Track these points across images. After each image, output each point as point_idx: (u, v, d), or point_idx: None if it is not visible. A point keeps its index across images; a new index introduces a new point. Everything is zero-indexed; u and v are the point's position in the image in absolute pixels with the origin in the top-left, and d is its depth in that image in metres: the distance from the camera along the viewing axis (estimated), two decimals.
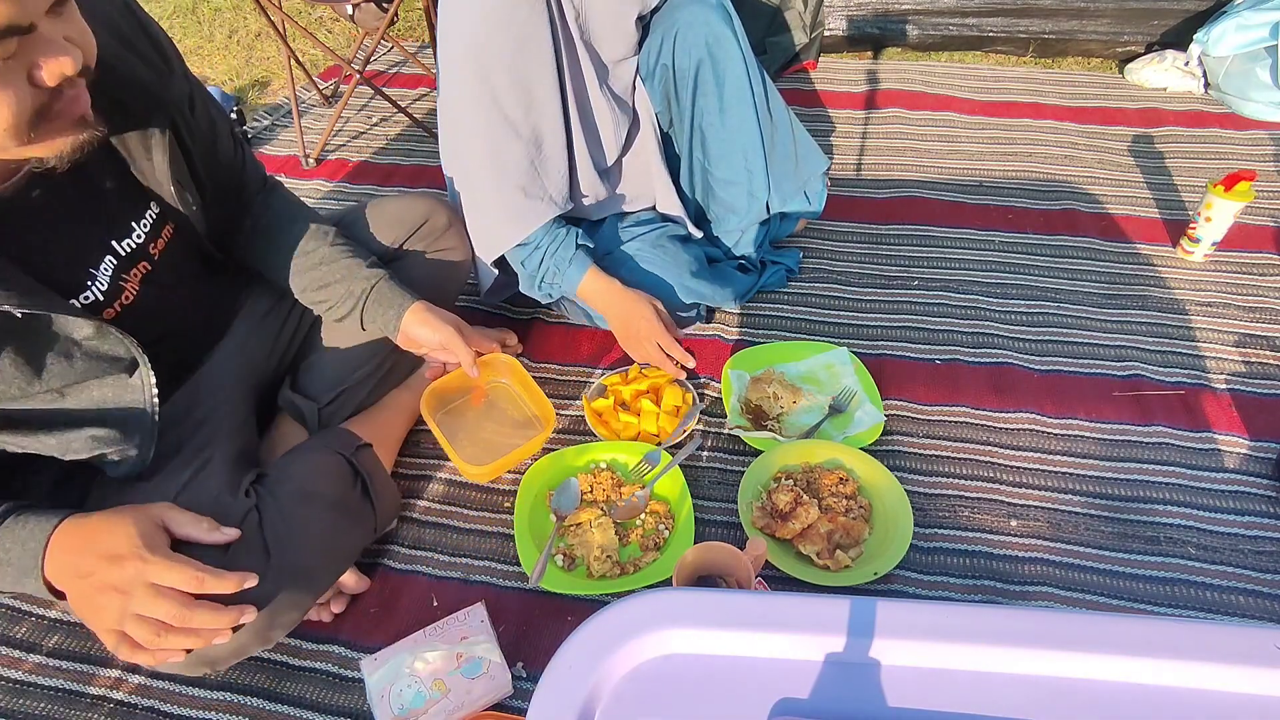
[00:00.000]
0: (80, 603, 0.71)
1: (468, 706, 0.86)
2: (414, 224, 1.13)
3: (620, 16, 1.15)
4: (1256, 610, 0.98)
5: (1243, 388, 1.25)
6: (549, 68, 1.10)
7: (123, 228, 0.82)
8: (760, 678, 0.48)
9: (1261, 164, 1.75)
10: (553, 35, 1.08)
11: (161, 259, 0.86)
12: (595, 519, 1.07)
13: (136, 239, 0.83)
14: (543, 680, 0.47)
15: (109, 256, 0.80)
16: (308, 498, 0.88)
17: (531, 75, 1.08)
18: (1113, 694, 0.47)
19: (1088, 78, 2.13)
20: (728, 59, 1.20)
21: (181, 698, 0.93)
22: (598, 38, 1.16)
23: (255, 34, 2.57)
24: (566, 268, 1.20)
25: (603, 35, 1.16)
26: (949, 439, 1.20)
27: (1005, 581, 1.02)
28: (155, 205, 0.85)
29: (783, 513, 1.04)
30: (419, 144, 1.97)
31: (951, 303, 1.43)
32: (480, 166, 1.13)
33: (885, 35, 2.21)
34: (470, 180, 1.17)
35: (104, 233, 0.80)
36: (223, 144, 0.96)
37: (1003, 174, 1.76)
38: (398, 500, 1.08)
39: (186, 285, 0.93)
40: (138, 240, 0.83)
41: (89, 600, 0.70)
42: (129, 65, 0.78)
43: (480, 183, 1.15)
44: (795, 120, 1.38)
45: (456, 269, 1.18)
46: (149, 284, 0.85)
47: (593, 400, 1.24)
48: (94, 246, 0.79)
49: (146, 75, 0.80)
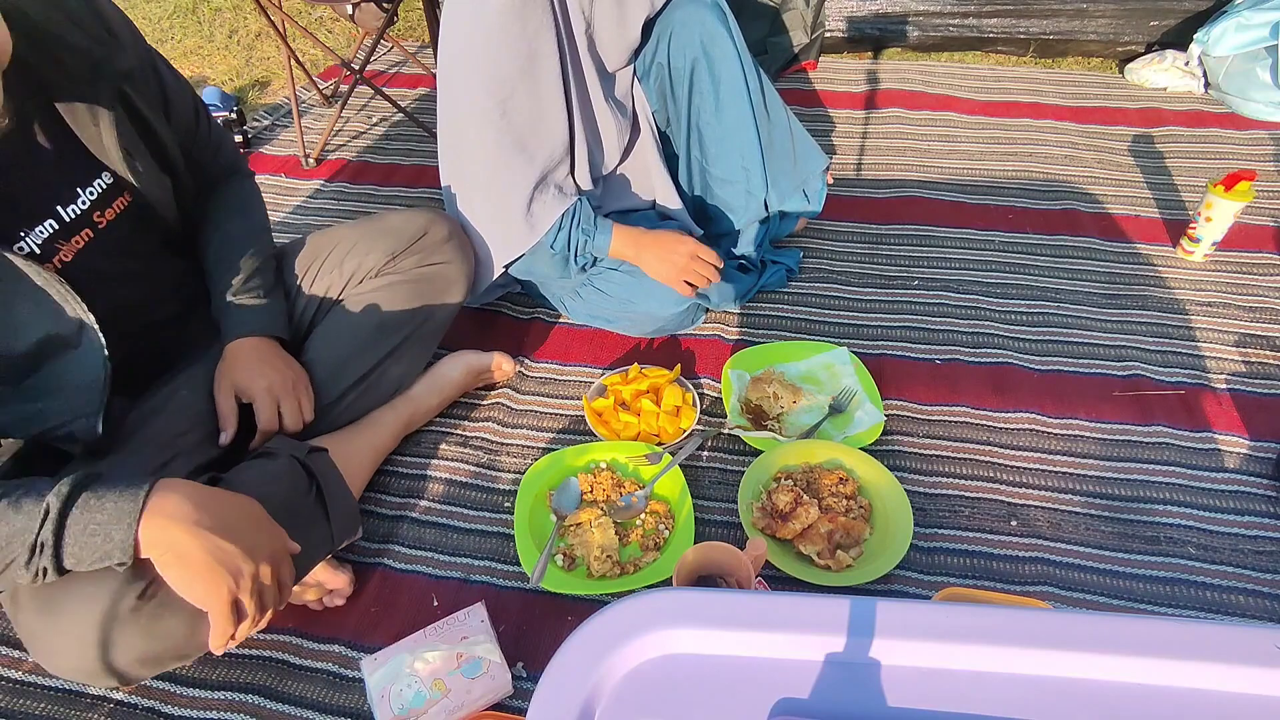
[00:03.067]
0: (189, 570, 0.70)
1: (468, 706, 0.86)
2: (412, 236, 1.12)
3: (627, 25, 1.15)
4: (1256, 610, 0.98)
5: (1243, 388, 1.25)
6: (555, 77, 1.10)
7: (67, 193, 0.82)
8: (760, 678, 0.48)
9: (1261, 164, 1.75)
10: (559, 45, 1.08)
11: (109, 229, 0.86)
12: (595, 519, 1.07)
13: (81, 205, 0.83)
14: (543, 680, 0.47)
15: (49, 220, 0.81)
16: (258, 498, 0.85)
17: (539, 86, 1.08)
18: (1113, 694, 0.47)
19: (1088, 78, 2.13)
20: (723, 57, 1.20)
21: (181, 698, 0.93)
22: (604, 45, 1.16)
23: (255, 34, 2.57)
24: (595, 232, 1.21)
25: (610, 42, 1.16)
26: (949, 439, 1.20)
27: (1005, 581, 1.02)
28: (108, 175, 0.85)
29: (783, 513, 1.04)
30: (419, 144, 1.97)
31: (951, 303, 1.43)
32: (491, 176, 1.13)
33: (885, 35, 2.21)
34: (481, 190, 1.17)
35: (43, 195, 0.80)
36: (179, 116, 0.96)
37: (1003, 174, 1.76)
38: (355, 510, 1.02)
39: (139, 260, 0.92)
40: (82, 206, 0.83)
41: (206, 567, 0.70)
42: (74, 35, 0.80)
43: (491, 192, 1.15)
44: (794, 119, 1.38)
45: (451, 284, 1.17)
46: (92, 251, 0.85)
47: (593, 400, 1.24)
48: (31, 208, 0.79)
49: (91, 46, 0.81)
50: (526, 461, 1.18)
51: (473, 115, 1.10)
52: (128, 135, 0.85)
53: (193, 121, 1.00)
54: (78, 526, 0.67)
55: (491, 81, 1.06)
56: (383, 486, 1.15)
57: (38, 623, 0.75)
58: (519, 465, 1.18)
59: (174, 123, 0.95)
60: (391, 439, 1.16)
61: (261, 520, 0.77)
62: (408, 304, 1.11)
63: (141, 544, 0.69)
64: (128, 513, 0.68)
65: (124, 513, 0.68)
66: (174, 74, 0.98)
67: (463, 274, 1.17)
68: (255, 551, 0.73)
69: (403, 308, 1.11)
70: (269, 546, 0.76)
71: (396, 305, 1.10)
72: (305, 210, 1.77)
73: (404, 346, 1.12)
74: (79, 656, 0.75)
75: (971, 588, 1.01)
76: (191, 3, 2.76)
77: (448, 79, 1.14)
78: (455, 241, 1.16)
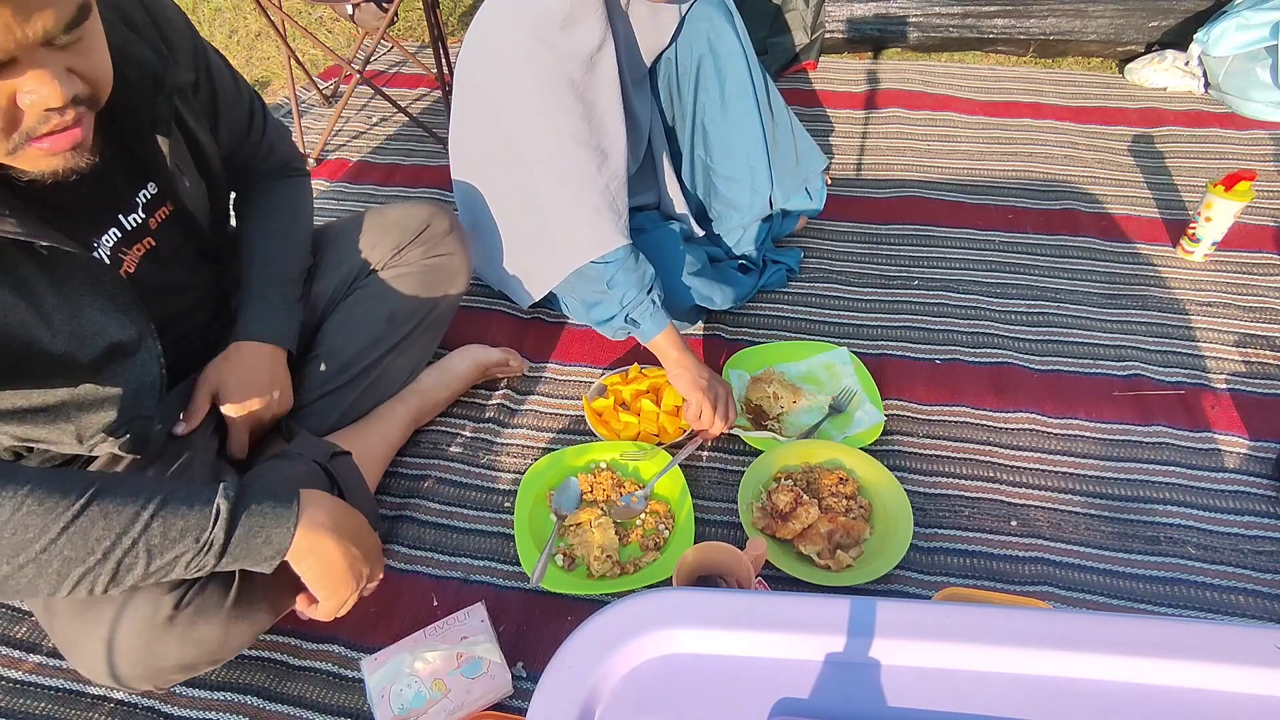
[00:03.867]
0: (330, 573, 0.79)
1: (468, 706, 0.86)
2: (415, 229, 1.13)
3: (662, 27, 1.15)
4: (1256, 610, 0.98)
5: (1243, 388, 1.25)
6: (614, 84, 1.08)
7: (127, 203, 0.82)
8: (760, 678, 0.48)
9: (1261, 164, 1.75)
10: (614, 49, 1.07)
11: (159, 236, 0.86)
12: (595, 519, 1.07)
13: (140, 214, 0.84)
14: (543, 680, 0.47)
15: (113, 229, 0.81)
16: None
17: (600, 94, 1.07)
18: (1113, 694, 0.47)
19: (1088, 78, 2.13)
20: (729, 54, 1.20)
21: (181, 698, 0.93)
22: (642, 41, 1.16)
23: (255, 34, 2.57)
24: (649, 318, 1.14)
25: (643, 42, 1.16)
26: (949, 439, 1.20)
27: (1005, 581, 1.02)
28: (153, 185, 0.85)
29: (783, 513, 1.04)
30: (419, 144, 1.97)
31: (951, 303, 1.43)
32: (554, 189, 1.10)
33: (885, 36, 2.21)
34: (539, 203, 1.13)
35: (109, 204, 0.80)
36: (229, 124, 0.96)
37: (1002, 174, 1.76)
38: (376, 512, 1.03)
39: (186, 270, 0.93)
40: (141, 216, 0.84)
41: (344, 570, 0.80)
42: (135, 47, 0.78)
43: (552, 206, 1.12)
44: (794, 118, 1.38)
45: (455, 274, 1.18)
46: (149, 261, 0.85)
47: (593, 400, 1.24)
48: (98, 216, 0.79)
49: (153, 59, 0.80)
50: (526, 461, 1.18)
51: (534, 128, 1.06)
52: (179, 149, 0.85)
53: (244, 127, 0.99)
54: (244, 529, 0.73)
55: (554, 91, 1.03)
56: (383, 487, 1.15)
57: (75, 630, 0.77)
58: (519, 465, 1.18)
59: (222, 131, 0.95)
60: (402, 433, 1.17)
61: (368, 528, 0.87)
62: (416, 295, 1.12)
63: (292, 549, 0.76)
64: (285, 519, 0.75)
65: (282, 519, 0.75)
66: (231, 77, 0.97)
67: (465, 264, 1.19)
68: (370, 555, 0.84)
69: (411, 299, 1.12)
70: (376, 549, 0.88)
71: (405, 296, 1.12)
72: None
73: (413, 336, 1.14)
74: (118, 664, 0.76)
75: (971, 588, 1.01)
76: (191, 3, 2.76)
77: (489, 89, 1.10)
78: (456, 233, 1.17)
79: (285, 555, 0.76)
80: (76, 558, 0.66)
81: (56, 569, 0.66)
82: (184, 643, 0.78)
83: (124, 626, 0.76)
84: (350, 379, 1.08)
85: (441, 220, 1.15)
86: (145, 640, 0.76)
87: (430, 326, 1.17)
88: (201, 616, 0.78)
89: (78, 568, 0.67)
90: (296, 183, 1.09)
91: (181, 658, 0.79)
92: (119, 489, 0.69)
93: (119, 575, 0.69)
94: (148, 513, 0.69)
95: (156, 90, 0.80)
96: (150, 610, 0.76)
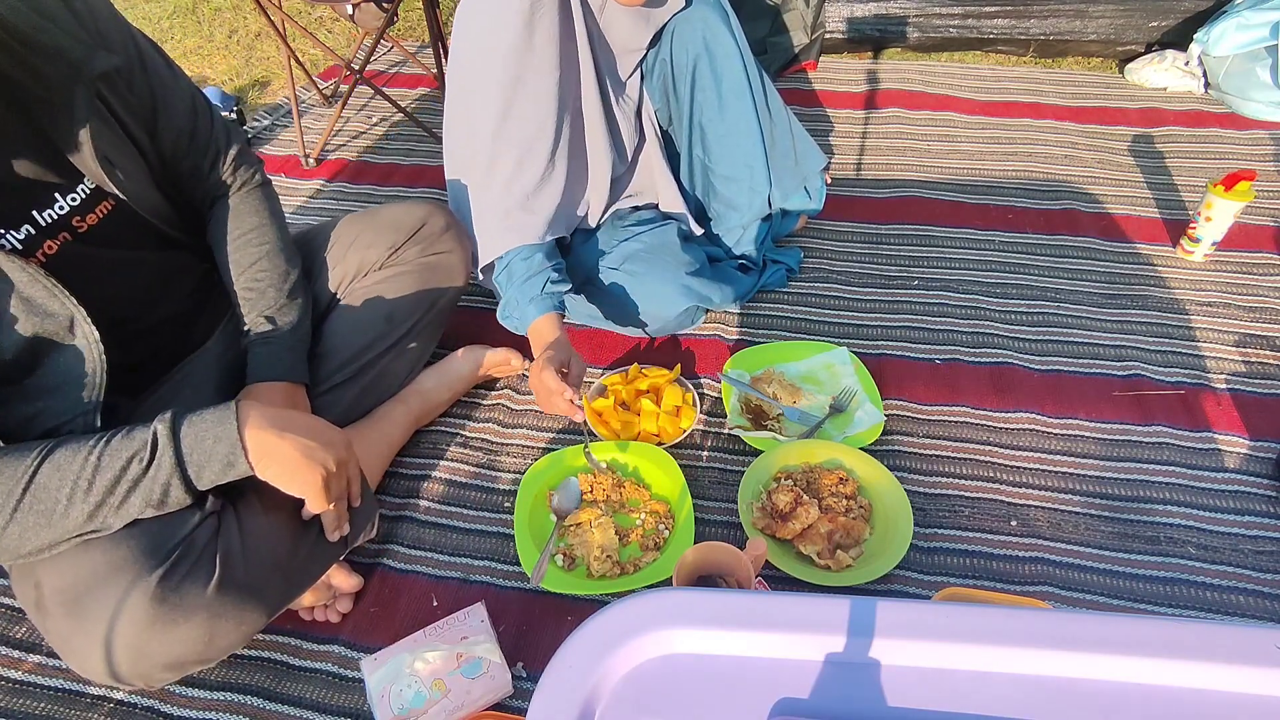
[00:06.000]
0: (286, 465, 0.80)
1: (468, 706, 0.86)
2: (411, 228, 1.13)
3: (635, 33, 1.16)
4: (1256, 610, 0.98)
5: (1243, 388, 1.25)
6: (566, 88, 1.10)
7: (44, 198, 0.80)
8: (760, 678, 0.48)
9: (1261, 164, 1.75)
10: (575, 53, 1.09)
11: (92, 232, 0.85)
12: (595, 519, 1.07)
13: (59, 209, 0.81)
14: (543, 680, 0.47)
15: (26, 225, 0.79)
16: (272, 507, 0.87)
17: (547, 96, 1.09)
18: (1113, 694, 0.47)
19: (1088, 78, 2.13)
20: (725, 54, 1.20)
21: (181, 698, 0.93)
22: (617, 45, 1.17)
23: (255, 34, 2.57)
24: (527, 305, 1.15)
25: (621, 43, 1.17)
26: (949, 439, 1.20)
27: (1005, 581, 1.02)
28: (90, 182, 0.83)
29: (783, 513, 1.04)
30: (419, 144, 1.97)
31: (951, 303, 1.43)
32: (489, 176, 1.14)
33: (885, 36, 2.21)
34: (477, 189, 1.17)
35: (19, 200, 0.79)
36: (170, 119, 0.92)
37: (1002, 174, 1.76)
38: (374, 507, 1.01)
39: (129, 250, 0.90)
40: (60, 211, 0.82)
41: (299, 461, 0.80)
42: (48, 35, 0.77)
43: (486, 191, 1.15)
44: (793, 118, 1.38)
45: (452, 271, 1.18)
46: (79, 243, 0.83)
47: (593, 400, 1.24)
48: (6, 212, 0.78)
49: (69, 46, 0.78)
50: (526, 461, 1.18)
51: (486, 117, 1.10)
52: (107, 141, 0.82)
53: (188, 124, 0.94)
54: (190, 437, 0.76)
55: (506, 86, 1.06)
56: (383, 487, 1.15)
57: (65, 627, 0.77)
58: (519, 465, 1.18)
59: (161, 126, 0.91)
60: (403, 434, 1.17)
61: (326, 425, 0.86)
62: (414, 293, 1.12)
63: (250, 456, 0.77)
64: (227, 419, 0.77)
65: (224, 419, 0.77)
66: (171, 72, 0.93)
67: (462, 261, 1.19)
68: (331, 446, 0.83)
69: (409, 297, 1.12)
70: (340, 441, 0.86)
71: (403, 295, 1.11)
72: (305, 210, 1.78)
73: (412, 334, 1.14)
74: (109, 659, 0.76)
75: (971, 588, 1.01)
76: (191, 2, 2.76)
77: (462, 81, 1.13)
78: (454, 231, 1.17)
79: (243, 454, 0.77)
80: (45, 509, 0.72)
81: (34, 522, 0.72)
82: (169, 639, 0.77)
83: (115, 621, 0.75)
84: (349, 377, 1.08)
85: (438, 218, 1.15)
86: (133, 634, 0.75)
87: (429, 324, 1.17)
88: (181, 614, 0.77)
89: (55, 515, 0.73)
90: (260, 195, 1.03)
91: (168, 655, 0.77)
92: (68, 443, 0.74)
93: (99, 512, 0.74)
94: (95, 453, 0.73)
95: (75, 79, 0.78)
96: (131, 606, 0.75)
